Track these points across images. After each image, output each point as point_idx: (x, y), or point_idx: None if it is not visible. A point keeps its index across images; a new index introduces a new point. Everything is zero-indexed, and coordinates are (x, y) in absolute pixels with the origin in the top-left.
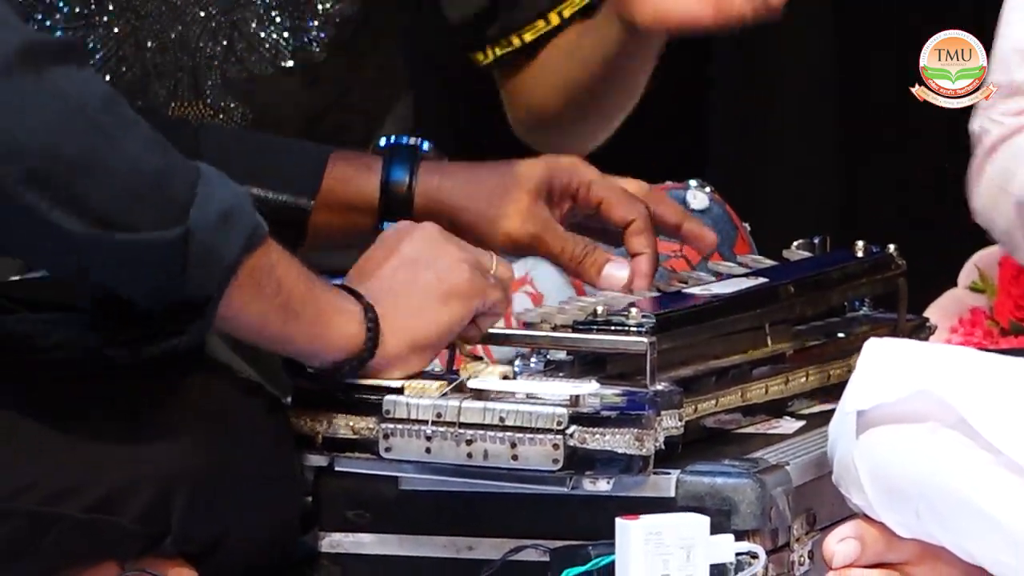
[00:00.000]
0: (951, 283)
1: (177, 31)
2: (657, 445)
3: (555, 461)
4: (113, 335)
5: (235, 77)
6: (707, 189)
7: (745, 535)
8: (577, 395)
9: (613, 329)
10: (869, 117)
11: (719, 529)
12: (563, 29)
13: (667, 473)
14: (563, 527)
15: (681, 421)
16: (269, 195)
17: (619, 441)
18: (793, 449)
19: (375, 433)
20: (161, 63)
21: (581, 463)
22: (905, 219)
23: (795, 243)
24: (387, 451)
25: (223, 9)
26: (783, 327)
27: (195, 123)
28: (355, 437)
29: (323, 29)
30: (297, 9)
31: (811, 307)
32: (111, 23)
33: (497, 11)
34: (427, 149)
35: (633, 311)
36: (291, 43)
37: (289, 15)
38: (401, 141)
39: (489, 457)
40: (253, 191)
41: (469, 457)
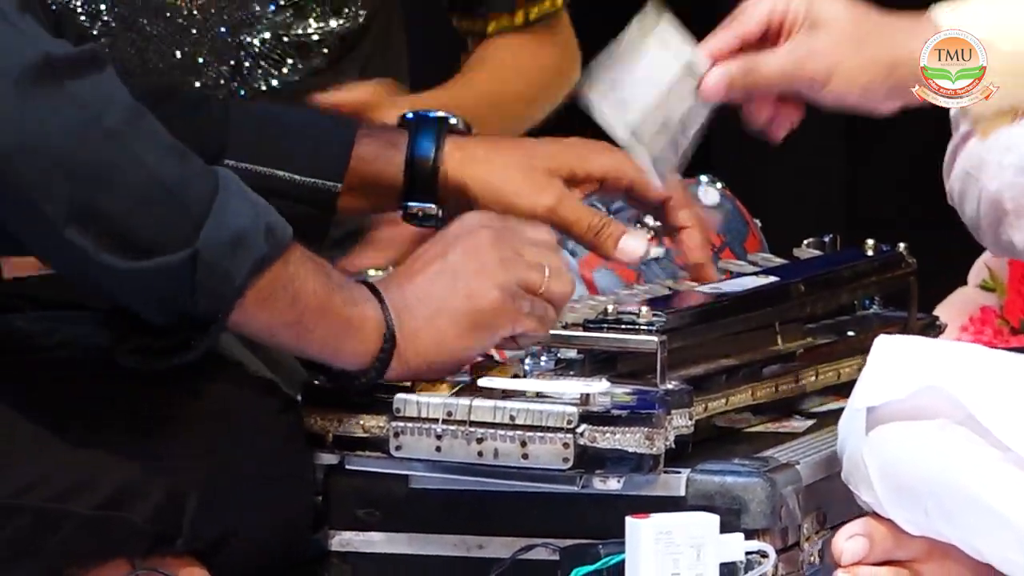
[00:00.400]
0: (961, 282)
1: (183, 51)
2: (667, 444)
3: (565, 460)
4: (124, 342)
5: (241, 95)
6: (718, 185)
7: (755, 534)
8: (588, 394)
9: (624, 328)
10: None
11: (729, 528)
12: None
13: (677, 472)
14: (573, 526)
15: (691, 420)
16: (296, 178)
17: (629, 440)
18: (803, 448)
19: (385, 432)
20: (167, 83)
21: (591, 462)
22: (915, 218)
23: (805, 242)
24: (397, 449)
25: (229, 30)
26: (793, 326)
27: (225, 101)
28: (366, 435)
29: (327, 47)
30: (302, 28)
31: (821, 306)
32: (117, 43)
33: None
34: (454, 122)
35: (644, 309)
36: (296, 62)
37: (294, 35)
38: (428, 115)
39: (499, 456)
40: (279, 175)
41: (479, 456)
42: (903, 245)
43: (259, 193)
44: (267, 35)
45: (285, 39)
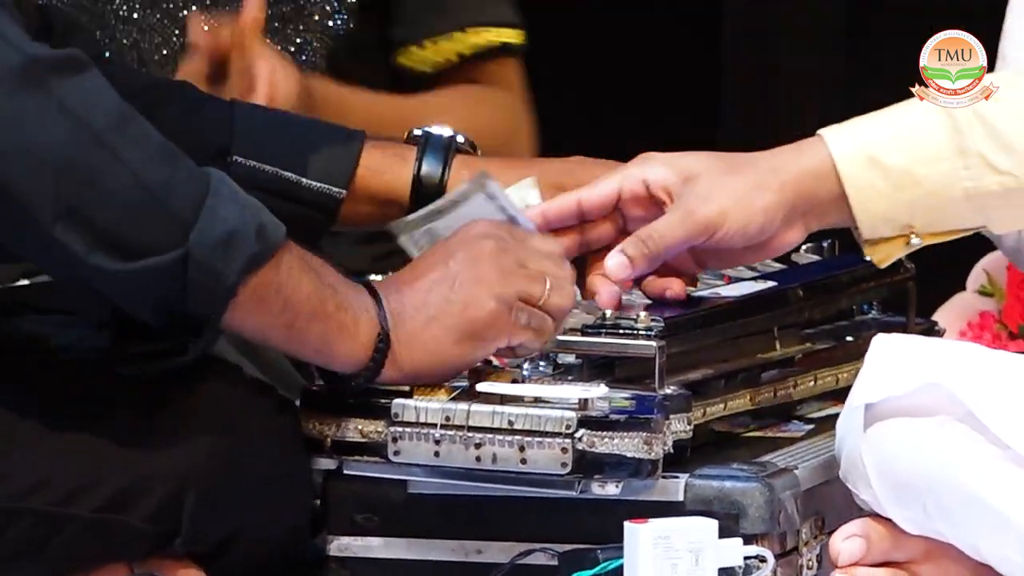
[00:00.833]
0: (960, 287)
1: (180, 44)
2: (666, 449)
3: (564, 465)
4: (121, 348)
5: None
6: None
7: (754, 539)
8: (586, 399)
9: (622, 333)
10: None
11: (728, 533)
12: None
13: (676, 477)
14: (572, 531)
15: (690, 425)
16: (302, 181)
17: (628, 445)
18: (802, 453)
19: (384, 436)
20: (162, 75)
21: (590, 467)
22: None
23: (804, 246)
24: (396, 455)
25: (223, 23)
26: (792, 331)
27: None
28: (364, 440)
29: (319, 43)
30: (294, 24)
31: (820, 311)
32: (113, 36)
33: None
34: (462, 141)
35: (642, 314)
36: (294, 56)
37: (292, 29)
38: (436, 132)
39: (498, 461)
40: (286, 175)
41: (478, 461)
42: None
43: (263, 192)
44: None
45: (277, 34)
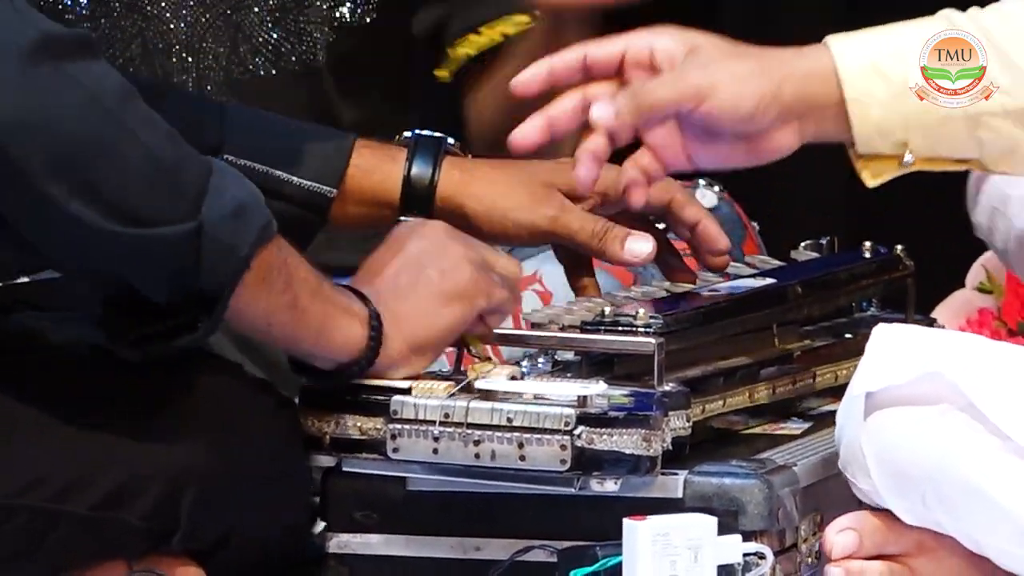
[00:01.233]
0: (959, 284)
1: (183, 32)
2: (665, 446)
3: (563, 462)
4: (122, 334)
5: (238, 78)
6: (716, 188)
7: (753, 536)
8: (585, 396)
9: (621, 329)
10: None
11: (727, 530)
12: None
13: (675, 474)
14: (570, 528)
15: (689, 422)
16: (293, 179)
17: (627, 442)
18: (801, 450)
19: (383, 434)
20: (166, 64)
21: (589, 464)
22: (913, 220)
23: (803, 244)
24: (395, 452)
25: (227, 11)
26: (791, 328)
27: (221, 103)
28: (363, 438)
29: (325, 33)
30: (300, 13)
31: (819, 308)
32: (118, 24)
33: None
34: (452, 144)
35: (641, 311)
36: (294, 46)
37: (292, 18)
38: (426, 134)
39: (497, 458)
40: (277, 174)
41: (477, 458)
42: (900, 247)
43: None
44: (267, 18)
45: (282, 22)
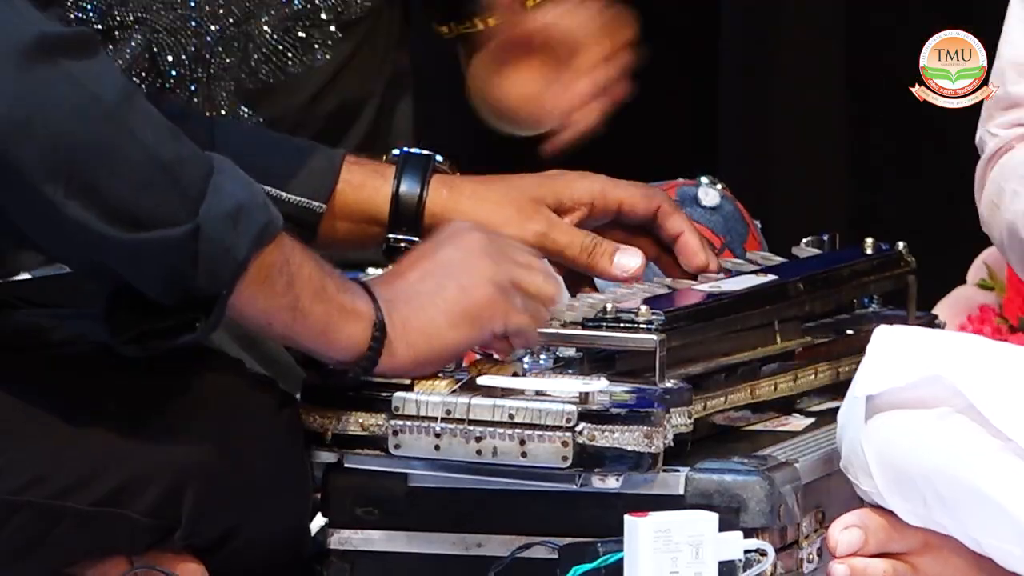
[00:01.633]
0: (960, 280)
1: (192, 43)
2: (666, 442)
3: (564, 458)
4: (123, 331)
5: (248, 87)
6: (718, 186)
7: (754, 532)
8: (586, 392)
9: (622, 326)
10: (877, 114)
11: (728, 526)
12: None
13: (676, 470)
14: (572, 524)
15: (690, 418)
16: (282, 195)
17: (628, 438)
18: (802, 446)
19: (384, 430)
20: (176, 74)
21: (590, 460)
22: (914, 216)
23: (804, 240)
24: (396, 448)
25: (236, 20)
26: (792, 324)
27: (210, 118)
28: (364, 434)
29: (332, 37)
30: (308, 19)
31: (820, 304)
32: (128, 35)
33: None
34: (440, 161)
35: (642, 308)
36: (302, 52)
37: (300, 25)
38: (415, 152)
39: (498, 454)
40: (266, 189)
41: (478, 454)
42: (902, 244)
43: None
44: (275, 24)
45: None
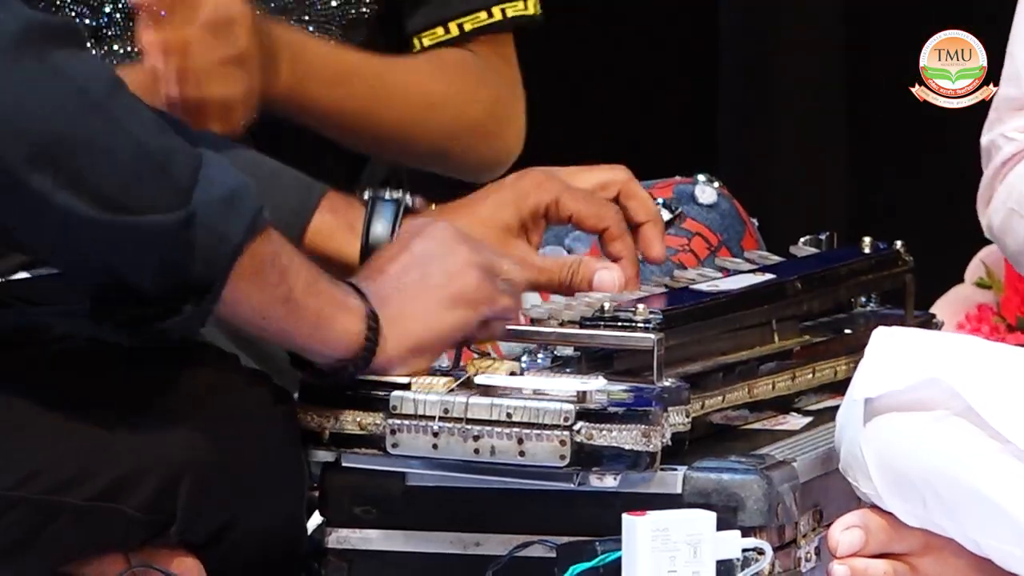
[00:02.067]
0: (958, 279)
1: None
2: (664, 441)
3: (562, 457)
4: (109, 315)
5: None
6: (715, 184)
7: (752, 531)
8: (584, 391)
9: (620, 325)
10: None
11: (726, 525)
12: (464, 42)
13: (674, 469)
14: (570, 523)
15: (688, 417)
16: None
17: (626, 437)
18: (800, 445)
19: (382, 429)
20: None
21: (588, 459)
22: (912, 215)
23: (802, 239)
24: (394, 447)
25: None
26: (790, 323)
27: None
28: (362, 433)
29: (321, 30)
30: (307, 17)
31: (818, 303)
32: (123, 38)
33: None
34: (411, 204)
35: (640, 307)
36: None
37: (296, 19)
38: (384, 196)
39: (496, 453)
40: None
41: (476, 453)
42: (900, 243)
43: None
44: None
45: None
